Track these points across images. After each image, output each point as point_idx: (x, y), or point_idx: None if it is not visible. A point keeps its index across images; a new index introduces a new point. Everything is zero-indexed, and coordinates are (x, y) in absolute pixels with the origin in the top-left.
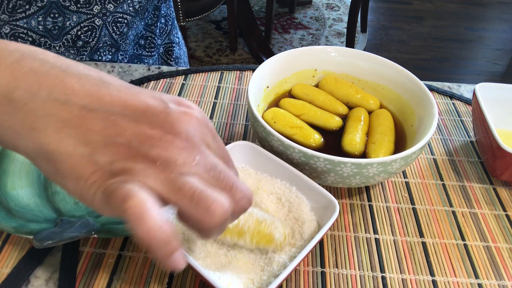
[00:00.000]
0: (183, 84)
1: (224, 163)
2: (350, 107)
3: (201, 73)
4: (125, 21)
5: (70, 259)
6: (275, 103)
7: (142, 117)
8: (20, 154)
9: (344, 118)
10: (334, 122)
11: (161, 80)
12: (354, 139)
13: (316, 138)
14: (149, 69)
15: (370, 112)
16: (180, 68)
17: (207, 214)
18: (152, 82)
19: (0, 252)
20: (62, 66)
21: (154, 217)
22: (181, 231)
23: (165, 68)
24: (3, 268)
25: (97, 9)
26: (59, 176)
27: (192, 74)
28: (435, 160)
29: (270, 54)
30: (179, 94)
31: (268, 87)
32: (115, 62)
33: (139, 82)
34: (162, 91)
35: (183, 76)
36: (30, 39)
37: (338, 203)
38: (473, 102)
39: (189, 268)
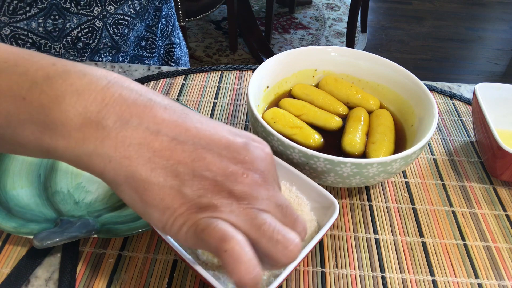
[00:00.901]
0: (183, 84)
1: None
2: (350, 107)
3: (201, 73)
4: (126, 22)
5: (70, 259)
6: (275, 103)
7: (226, 152)
8: (103, 181)
9: (344, 118)
10: (334, 122)
11: (161, 80)
12: (354, 139)
13: (316, 138)
14: (149, 69)
15: (370, 112)
16: (180, 68)
17: (285, 253)
18: (152, 82)
19: (0, 252)
20: (148, 95)
21: (250, 261)
22: None
23: (165, 68)
24: (3, 268)
25: (98, 11)
26: (144, 205)
27: (192, 74)
28: (435, 160)
29: (270, 54)
30: (179, 94)
31: (268, 87)
32: (115, 63)
33: (139, 82)
34: (162, 91)
35: (183, 76)
36: (30, 40)
37: (338, 203)
38: (473, 102)
39: (189, 268)
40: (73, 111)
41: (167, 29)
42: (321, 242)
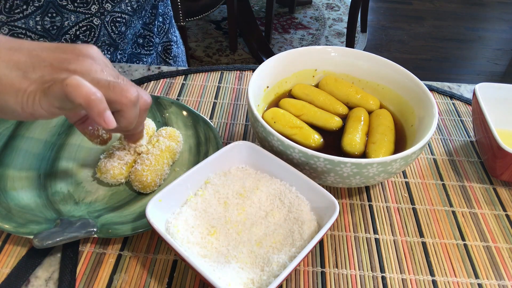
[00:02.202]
0: (183, 84)
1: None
2: (350, 107)
3: (201, 73)
4: (123, 20)
5: (70, 259)
6: (275, 103)
7: (57, 49)
8: None
9: (344, 118)
10: (334, 122)
11: (161, 80)
12: (354, 139)
13: (316, 138)
14: (149, 69)
15: (370, 112)
16: (180, 68)
17: (123, 94)
18: (152, 82)
19: (0, 252)
20: None
21: (89, 85)
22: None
23: (165, 68)
24: (3, 268)
25: (95, 9)
26: None
27: (192, 74)
28: (435, 160)
29: (270, 54)
30: (179, 94)
31: (268, 87)
32: (114, 62)
33: (139, 82)
34: (162, 90)
35: (183, 76)
36: (28, 39)
37: (338, 203)
38: (473, 102)
39: (189, 268)
40: None
41: (164, 27)
42: (321, 242)
